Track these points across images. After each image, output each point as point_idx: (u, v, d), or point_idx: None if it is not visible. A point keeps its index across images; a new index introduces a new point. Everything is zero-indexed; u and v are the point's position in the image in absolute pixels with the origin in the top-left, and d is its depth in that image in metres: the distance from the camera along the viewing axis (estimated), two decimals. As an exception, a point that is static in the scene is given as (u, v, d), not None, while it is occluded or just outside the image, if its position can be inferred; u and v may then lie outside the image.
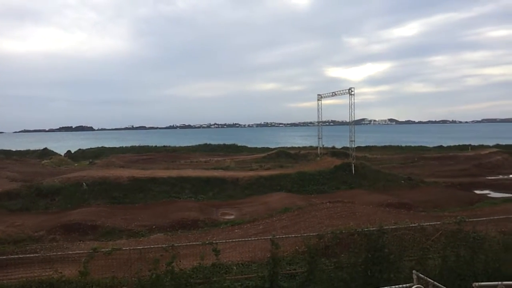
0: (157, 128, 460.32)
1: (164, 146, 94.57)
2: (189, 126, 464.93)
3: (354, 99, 42.78)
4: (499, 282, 6.99)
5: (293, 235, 14.22)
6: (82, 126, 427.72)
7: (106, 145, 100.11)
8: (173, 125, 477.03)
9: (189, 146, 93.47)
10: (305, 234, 13.19)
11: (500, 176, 47.09)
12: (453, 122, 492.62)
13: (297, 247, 14.12)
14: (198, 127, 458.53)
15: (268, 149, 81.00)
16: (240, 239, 16.42)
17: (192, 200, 32.53)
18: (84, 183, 34.14)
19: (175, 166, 52.93)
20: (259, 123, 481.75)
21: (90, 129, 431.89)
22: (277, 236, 12.55)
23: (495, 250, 13.20)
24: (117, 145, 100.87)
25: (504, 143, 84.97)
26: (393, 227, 13.25)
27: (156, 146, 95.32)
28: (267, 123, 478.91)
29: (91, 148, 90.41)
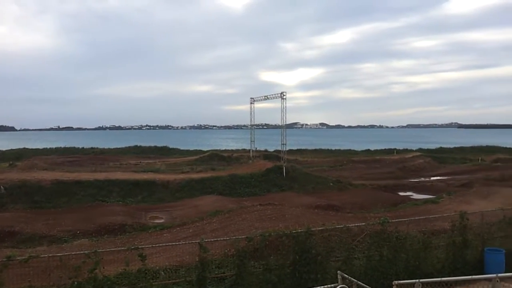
0: (85, 129, 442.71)
1: (92, 148, 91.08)
2: (119, 128, 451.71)
3: (286, 103, 43.60)
4: (417, 280, 7.33)
5: (222, 238, 14.16)
6: (2, 126, 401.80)
7: (29, 146, 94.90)
8: (102, 126, 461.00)
9: (119, 148, 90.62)
10: (234, 237, 13.18)
11: (422, 179, 49.86)
12: (381, 127, 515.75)
13: (226, 250, 14.06)
14: (129, 129, 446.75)
15: (200, 151, 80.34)
16: (168, 243, 16.10)
17: (120, 203, 31.53)
18: (1, 187, 32.06)
19: (103, 168, 51.02)
20: (192, 125, 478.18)
21: (12, 129, 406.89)
22: (206, 240, 12.43)
23: (415, 249, 13.91)
24: (41, 146, 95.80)
25: (426, 147, 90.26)
26: (320, 228, 13.57)
27: (83, 147, 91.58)
28: (200, 125, 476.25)
29: (12, 149, 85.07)
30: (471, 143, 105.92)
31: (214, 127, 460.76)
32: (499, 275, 5.82)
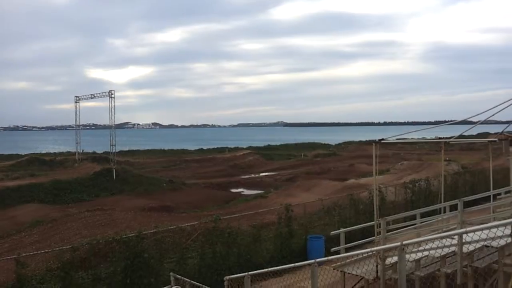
0: None
1: None
2: None
3: (115, 102, 42.21)
4: (246, 273, 7.68)
5: (44, 251, 13.01)
6: None
7: None
8: None
9: None
10: (57, 248, 12.22)
11: (252, 175, 52.77)
12: (213, 126, 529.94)
13: (50, 263, 12.97)
14: None
15: (17, 155, 72.53)
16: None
17: None
18: None
19: None
20: (6, 126, 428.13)
21: None
22: (25, 254, 11.32)
23: (246, 243, 14.64)
24: None
25: (255, 145, 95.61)
26: (152, 231, 13.38)
27: None
28: (17, 126, 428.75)
29: None
30: (295, 140, 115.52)
31: (34, 128, 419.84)
32: (317, 260, 6.44)
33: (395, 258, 8.40)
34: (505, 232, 7.74)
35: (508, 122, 17.22)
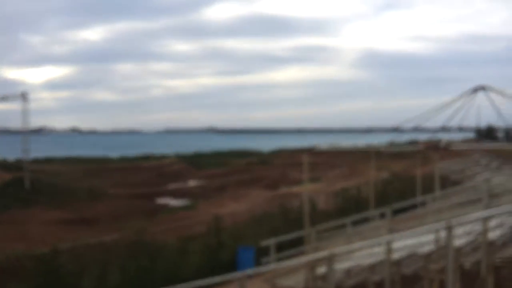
0: None
1: None
2: None
3: (29, 105, 40.25)
4: (172, 286, 7.61)
5: None
6: None
7: None
8: None
9: None
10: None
11: (180, 184, 52.15)
12: (139, 131, 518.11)
13: None
14: None
15: None
16: None
17: None
18: None
19: None
20: None
21: None
22: None
23: (172, 256, 14.47)
24: None
25: (184, 153, 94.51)
26: (70, 245, 12.90)
27: None
28: None
29: None
30: (226, 147, 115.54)
31: None
32: (246, 272, 6.51)
33: (326, 268, 8.66)
34: (431, 238, 8.25)
35: (435, 130, 18.34)
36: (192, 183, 53.36)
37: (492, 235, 8.59)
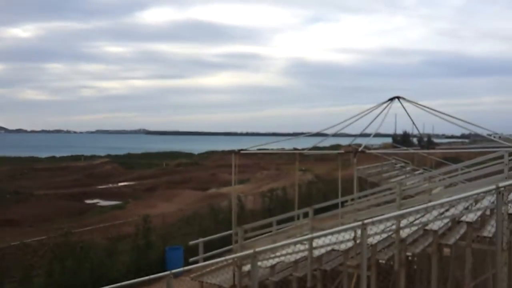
0: None
1: None
2: None
3: None
4: (99, 288, 7.35)
5: None
6: None
7: None
8: None
9: None
10: None
11: (110, 185, 50.64)
12: (68, 131, 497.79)
13: None
14: None
15: None
16: None
17: None
18: None
19: None
20: None
21: None
22: None
23: (100, 257, 13.99)
24: None
25: (115, 153, 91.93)
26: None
27: None
28: None
29: None
30: (157, 148, 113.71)
31: None
32: (173, 271, 6.41)
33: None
34: (348, 236, 8.54)
35: (356, 135, 19.05)
36: (123, 183, 51.93)
37: (405, 232, 9.04)
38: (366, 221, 5.17)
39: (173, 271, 6.45)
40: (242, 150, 12.68)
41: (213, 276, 11.42)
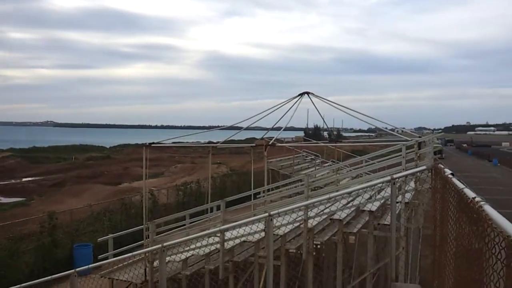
0: None
1: None
2: None
3: None
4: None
5: None
6: None
7: None
8: None
9: None
10: None
11: (13, 180, 47.55)
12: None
13: None
14: None
15: None
16: None
17: None
18: None
19: None
20: None
21: None
22: None
23: (1, 257, 13.16)
24: None
25: (18, 147, 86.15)
26: None
27: None
28: None
29: None
30: (66, 141, 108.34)
31: None
32: (78, 269, 6.22)
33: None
34: (260, 227, 8.74)
35: (270, 129, 19.45)
36: (27, 179, 48.95)
37: (314, 222, 9.42)
38: (272, 213, 5.34)
39: (78, 269, 6.26)
40: (153, 143, 12.48)
41: (124, 273, 11.19)
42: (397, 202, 9.18)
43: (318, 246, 11.41)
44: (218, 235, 9.55)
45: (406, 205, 9.34)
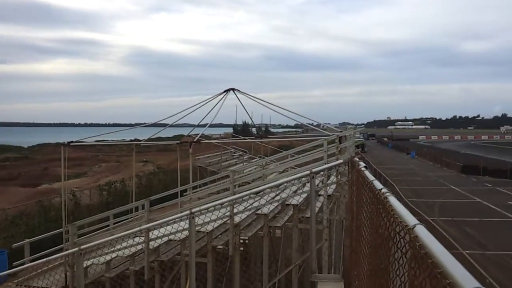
0: None
1: None
2: None
3: None
4: None
5: None
6: None
7: None
8: None
9: None
10: None
11: None
12: None
13: None
14: None
15: None
16: None
17: None
18: None
19: None
20: None
21: None
22: None
23: None
24: None
25: None
26: None
27: None
28: None
29: None
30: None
31: None
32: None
33: (85, 264, 8.32)
34: (185, 225, 8.66)
35: (197, 125, 19.30)
36: None
37: (239, 218, 9.47)
38: (194, 210, 5.29)
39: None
40: (72, 142, 11.96)
41: (43, 279, 10.66)
42: (320, 195, 9.47)
43: (247, 241, 11.51)
44: (143, 235, 9.35)
45: (329, 197, 9.64)
